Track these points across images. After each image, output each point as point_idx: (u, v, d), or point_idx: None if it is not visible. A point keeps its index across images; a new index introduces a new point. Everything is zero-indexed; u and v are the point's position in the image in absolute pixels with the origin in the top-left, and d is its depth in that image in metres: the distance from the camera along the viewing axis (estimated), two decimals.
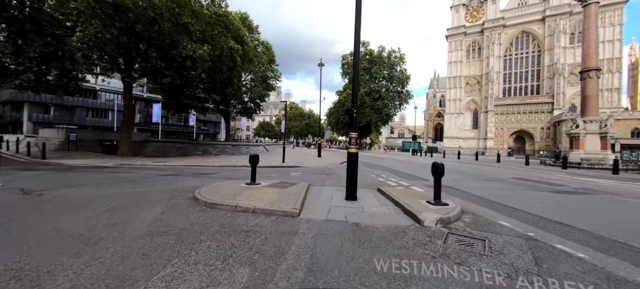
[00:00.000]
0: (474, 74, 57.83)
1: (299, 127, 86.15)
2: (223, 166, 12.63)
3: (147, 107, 63.39)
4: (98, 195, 5.95)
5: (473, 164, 20.10)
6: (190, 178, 8.81)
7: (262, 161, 14.80)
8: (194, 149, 21.68)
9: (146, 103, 63.51)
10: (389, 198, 6.05)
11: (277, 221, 4.32)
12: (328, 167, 13.50)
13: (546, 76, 50.77)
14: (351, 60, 60.78)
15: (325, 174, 10.87)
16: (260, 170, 11.32)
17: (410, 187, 7.87)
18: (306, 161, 17.08)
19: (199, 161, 14.66)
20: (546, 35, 50.94)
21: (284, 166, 13.16)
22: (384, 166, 15.62)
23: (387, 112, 56.14)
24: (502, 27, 54.77)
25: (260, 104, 37.53)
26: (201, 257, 2.92)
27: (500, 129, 53.35)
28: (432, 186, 7.87)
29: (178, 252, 3.04)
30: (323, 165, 14.54)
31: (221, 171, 11.21)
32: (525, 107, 51.50)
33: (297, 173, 10.63)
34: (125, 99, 19.61)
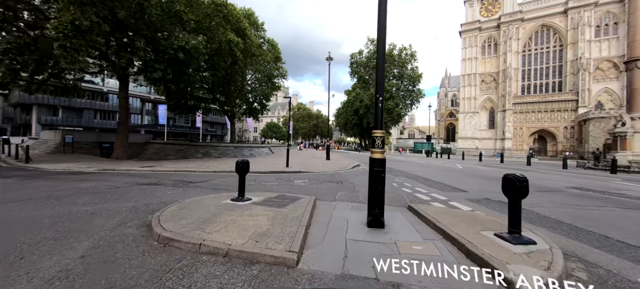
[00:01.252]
0: (490, 71, 54.93)
1: (307, 128, 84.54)
2: (218, 172, 10.98)
3: (154, 109, 63.02)
4: (25, 217, 4.32)
5: (503, 168, 17.89)
6: (169, 189, 7.15)
7: (263, 166, 13.10)
8: (194, 152, 20.20)
9: (154, 105, 63.21)
10: (431, 225, 4.18)
11: (261, 279, 2.54)
12: (339, 174, 11.67)
13: (569, 72, 47.54)
14: (360, 59, 58.77)
15: (335, 182, 9.05)
16: (259, 177, 9.60)
17: (450, 203, 5.96)
18: (313, 164, 15.30)
19: (193, 166, 13.07)
20: (569, 28, 47.74)
21: (287, 171, 11.42)
22: (402, 171, 13.65)
23: (398, 112, 53.89)
24: (520, 21, 51.80)
25: (265, 104, 36.04)
26: None
27: (519, 128, 50.30)
28: (475, 200, 6.03)
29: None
30: (332, 170, 12.73)
31: (213, 177, 9.54)
32: (546, 106, 48.35)
33: (301, 181, 8.86)
34: (120, 98, 18.26)
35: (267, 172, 11.10)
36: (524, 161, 24.88)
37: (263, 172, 11.07)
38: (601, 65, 45.25)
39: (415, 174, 12.52)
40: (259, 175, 10.33)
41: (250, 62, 18.76)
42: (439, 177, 11.13)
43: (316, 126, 77.31)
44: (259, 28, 33.24)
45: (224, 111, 34.75)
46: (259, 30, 33.44)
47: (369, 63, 56.50)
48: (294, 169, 12.04)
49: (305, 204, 5.03)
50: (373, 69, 56.13)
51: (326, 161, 18.67)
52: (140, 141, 25.01)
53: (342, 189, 7.59)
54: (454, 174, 11.40)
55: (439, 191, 7.69)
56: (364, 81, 57.76)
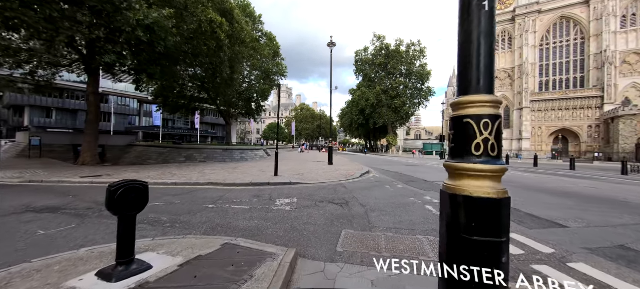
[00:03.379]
0: (504, 67, 51.53)
1: (310, 130, 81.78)
2: (189, 185, 8.21)
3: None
4: None
5: (551, 174, 14.81)
6: (39, 231, 4.42)
7: (244, 175, 10.33)
8: (176, 155, 17.57)
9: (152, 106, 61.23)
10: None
11: None
12: (343, 185, 8.75)
13: (592, 66, 43.97)
14: (365, 57, 55.84)
15: (338, 202, 6.12)
16: (230, 194, 6.82)
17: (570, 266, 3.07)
18: (311, 171, 12.46)
19: (164, 176, 10.34)
20: (591, 19, 44.20)
21: (274, 182, 8.56)
22: (430, 181, 10.58)
23: (406, 111, 50.74)
24: (537, 13, 48.40)
25: (262, 104, 33.42)
26: None
27: (538, 128, 46.79)
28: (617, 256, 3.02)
29: None
30: (335, 180, 9.87)
31: (173, 195, 6.77)
32: (567, 103, 44.80)
33: (287, 201, 6.02)
34: (88, 93, 15.72)
35: (245, 184, 8.28)
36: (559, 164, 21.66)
37: (240, 185, 8.26)
38: (628, 59, 41.63)
39: None
40: (232, 189, 7.53)
41: (241, 52, 16.06)
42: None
43: (320, 127, 74.52)
44: (257, 21, 30.72)
45: (219, 111, 32.26)
46: (256, 23, 30.94)
47: (374, 60, 53.53)
48: (284, 179, 9.20)
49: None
50: (379, 67, 53.15)
51: (328, 165, 15.80)
52: (122, 144, 22.56)
53: (349, 221, 4.66)
54: (523, 191, 8.19)
55: (524, 227, 4.62)
56: (369, 79, 54.77)
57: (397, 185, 8.97)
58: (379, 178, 10.90)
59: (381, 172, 13.66)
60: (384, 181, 9.82)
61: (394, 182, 9.54)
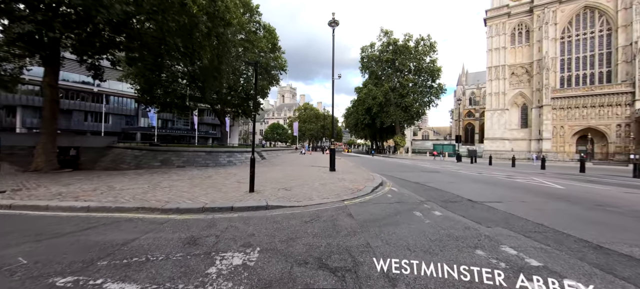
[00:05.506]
0: (521, 62, 48.00)
1: (314, 130, 78.94)
2: (106, 212, 5.47)
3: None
4: None
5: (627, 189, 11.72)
6: None
7: (210, 191, 7.53)
8: (152, 159, 14.98)
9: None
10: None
11: None
12: (347, 211, 5.64)
13: (621, 60, 40.20)
14: (372, 53, 52.82)
15: (337, 266, 3.05)
16: (151, 235, 4.01)
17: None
18: (304, 182, 9.48)
19: (92, 194, 7.65)
20: (619, 8, 40.45)
21: (239, 206, 5.57)
22: (478, 202, 6.84)
23: (416, 110, 47.60)
24: (557, 3, 44.83)
25: (260, 102, 30.80)
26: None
27: (560, 127, 43.14)
28: None
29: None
30: (335, 196, 6.95)
31: (74, 229, 3.97)
32: (593, 100, 41.10)
33: (237, 260, 3.00)
34: (44, 86, 13.21)
35: (193, 211, 5.36)
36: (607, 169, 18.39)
37: (186, 211, 5.26)
38: None
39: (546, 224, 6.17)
40: (163, 223, 4.72)
41: (226, 36, 13.36)
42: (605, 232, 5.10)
43: (324, 127, 71.66)
44: (253, 11, 28.14)
45: (213, 110, 29.75)
46: (253, 14, 28.35)
47: (381, 56, 50.49)
48: (260, 199, 6.30)
49: None
50: (386, 63, 50.11)
51: (329, 172, 12.88)
52: (100, 146, 20.13)
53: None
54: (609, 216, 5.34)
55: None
56: (376, 76, 51.76)
57: (433, 212, 5.73)
58: (400, 195, 7.88)
59: (397, 182, 10.61)
60: (408, 201, 6.86)
61: (425, 205, 6.40)
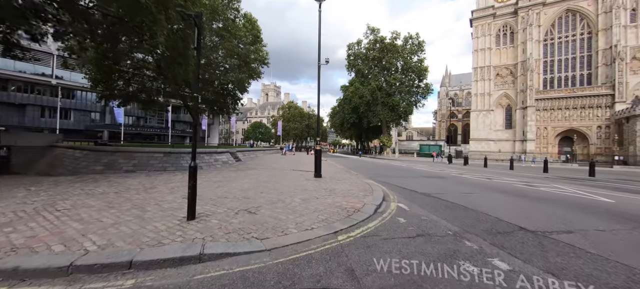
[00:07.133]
0: (506, 63, 48.19)
1: (299, 129, 76.55)
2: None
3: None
4: None
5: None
6: None
7: (134, 221, 4.95)
8: (94, 162, 12.20)
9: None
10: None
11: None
12: (341, 251, 3.45)
13: (600, 63, 41.01)
14: (358, 50, 51.23)
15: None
16: None
17: None
18: (279, 197, 6.76)
19: None
20: (600, 12, 41.25)
21: (149, 261, 3.03)
22: (532, 230, 4.44)
23: (404, 109, 46.50)
24: (541, 5, 45.23)
25: (240, 97, 28.11)
26: None
27: (544, 128, 43.48)
28: None
29: None
30: (324, 225, 4.53)
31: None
32: (575, 102, 41.66)
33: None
34: None
35: (51, 273, 2.80)
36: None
37: (37, 274, 2.68)
38: (639, 55, 38.77)
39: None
40: None
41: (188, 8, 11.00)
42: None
43: (309, 126, 69.50)
44: None
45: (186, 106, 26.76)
46: (231, 1, 25.63)
47: (368, 54, 49.00)
48: (195, 239, 3.77)
49: None
50: (373, 61, 48.66)
51: (314, 180, 10.55)
52: (41, 144, 16.86)
53: None
54: None
55: None
56: (362, 75, 50.23)
57: (491, 261, 3.28)
58: (416, 218, 5.39)
59: (402, 193, 8.15)
60: (436, 233, 4.41)
61: (466, 242, 4.00)
